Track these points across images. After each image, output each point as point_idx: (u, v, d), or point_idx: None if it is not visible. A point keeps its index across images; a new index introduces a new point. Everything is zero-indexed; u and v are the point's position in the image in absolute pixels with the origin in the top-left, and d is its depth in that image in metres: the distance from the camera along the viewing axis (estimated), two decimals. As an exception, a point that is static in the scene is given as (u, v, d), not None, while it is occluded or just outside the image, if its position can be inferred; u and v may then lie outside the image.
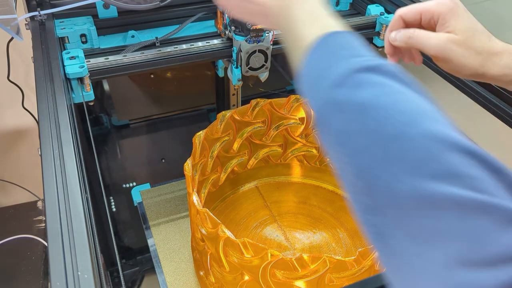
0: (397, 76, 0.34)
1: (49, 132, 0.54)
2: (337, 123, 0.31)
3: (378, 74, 0.32)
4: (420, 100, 0.34)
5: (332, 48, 0.35)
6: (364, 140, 0.29)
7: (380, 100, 0.30)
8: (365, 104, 0.30)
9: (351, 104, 0.31)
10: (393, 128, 0.29)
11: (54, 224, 0.43)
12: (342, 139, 0.31)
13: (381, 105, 0.30)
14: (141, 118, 1.17)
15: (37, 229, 1.12)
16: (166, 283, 0.84)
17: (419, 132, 0.28)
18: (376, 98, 0.30)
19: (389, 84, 0.32)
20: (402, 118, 0.29)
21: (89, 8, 0.80)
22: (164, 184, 1.04)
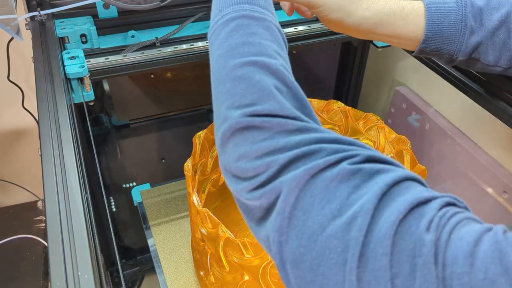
0: (261, 19, 0.43)
1: (49, 132, 0.54)
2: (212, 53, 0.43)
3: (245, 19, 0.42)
4: (266, 40, 0.42)
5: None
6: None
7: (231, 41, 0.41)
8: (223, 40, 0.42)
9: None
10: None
11: (54, 224, 0.43)
12: (212, 69, 0.42)
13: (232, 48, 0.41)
14: (141, 118, 1.17)
15: (37, 229, 1.12)
16: (166, 283, 0.84)
17: None
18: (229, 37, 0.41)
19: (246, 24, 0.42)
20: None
21: (89, 8, 0.80)
22: (164, 184, 1.04)
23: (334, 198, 0.31)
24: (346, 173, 0.32)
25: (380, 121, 0.90)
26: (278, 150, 0.35)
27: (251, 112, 0.36)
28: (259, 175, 0.35)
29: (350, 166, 0.32)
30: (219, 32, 0.43)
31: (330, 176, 0.32)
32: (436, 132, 0.98)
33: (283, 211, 0.33)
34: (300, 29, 0.86)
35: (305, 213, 0.32)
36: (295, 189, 0.32)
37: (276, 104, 0.36)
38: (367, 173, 0.32)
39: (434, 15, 0.57)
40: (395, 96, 1.09)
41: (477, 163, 0.88)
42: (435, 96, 0.99)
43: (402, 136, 0.86)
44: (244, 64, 0.39)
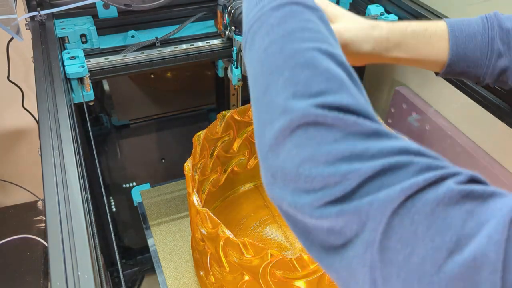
0: (314, 8, 0.37)
1: (49, 132, 0.54)
2: (261, 43, 0.35)
3: (299, 6, 0.36)
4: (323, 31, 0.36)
5: None
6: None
7: (293, 36, 0.34)
8: (285, 33, 0.34)
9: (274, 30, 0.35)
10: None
11: (54, 224, 0.43)
12: (260, 57, 0.35)
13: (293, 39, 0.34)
14: (141, 118, 1.17)
15: (37, 229, 1.12)
16: (166, 283, 0.84)
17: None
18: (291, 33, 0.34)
19: (305, 17, 0.36)
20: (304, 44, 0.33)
21: (89, 8, 0.80)
22: (164, 184, 1.04)
23: (445, 226, 0.25)
24: (455, 195, 0.26)
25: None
26: (356, 157, 0.28)
27: (321, 103, 0.29)
28: (331, 186, 0.28)
29: (458, 186, 0.26)
30: (267, 18, 0.36)
31: (434, 199, 0.26)
32: (436, 132, 0.98)
33: (372, 241, 0.27)
34: (300, 29, 0.86)
35: (406, 246, 0.26)
36: (386, 212, 0.26)
37: (350, 97, 0.30)
38: (479, 196, 0.26)
39: (459, 39, 0.54)
40: (395, 96, 1.09)
41: (477, 163, 0.88)
42: (435, 96, 0.99)
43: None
44: (307, 49, 0.32)
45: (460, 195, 0.26)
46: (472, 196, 0.26)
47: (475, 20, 0.55)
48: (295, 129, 0.30)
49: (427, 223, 0.25)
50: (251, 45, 0.36)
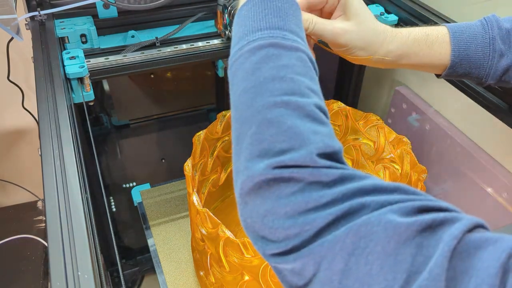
0: (292, 48, 0.37)
1: (49, 132, 0.54)
2: (234, 86, 0.37)
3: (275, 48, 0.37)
4: (300, 72, 0.37)
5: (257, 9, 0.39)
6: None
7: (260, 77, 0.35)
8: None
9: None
10: None
11: (54, 224, 0.43)
12: (235, 103, 0.37)
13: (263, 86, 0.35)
14: (141, 118, 1.17)
15: (37, 229, 1.12)
16: (166, 283, 0.84)
17: None
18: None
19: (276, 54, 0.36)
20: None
21: (89, 8, 0.80)
22: (164, 184, 1.04)
23: (396, 265, 0.26)
24: (404, 230, 0.27)
25: (380, 121, 0.90)
26: (312, 208, 0.30)
27: (278, 163, 0.31)
28: (291, 238, 0.30)
29: (406, 219, 0.27)
30: (244, 60, 0.37)
31: (384, 237, 0.27)
32: (436, 132, 0.98)
33: (329, 280, 0.28)
34: (300, 29, 0.86)
35: (362, 285, 0.27)
36: (341, 253, 0.28)
37: (308, 155, 0.31)
38: (428, 227, 0.27)
39: (460, 40, 0.55)
40: (395, 96, 1.09)
41: (477, 163, 0.88)
42: (435, 96, 0.99)
43: (402, 136, 0.86)
44: (275, 104, 0.33)
45: (409, 229, 0.27)
46: (421, 228, 0.27)
47: (474, 23, 0.56)
48: (258, 183, 0.32)
49: (380, 262, 0.26)
50: (232, 84, 0.38)
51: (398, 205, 0.28)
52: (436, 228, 0.27)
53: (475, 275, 0.24)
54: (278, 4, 0.39)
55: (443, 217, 0.27)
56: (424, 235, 0.27)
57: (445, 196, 1.00)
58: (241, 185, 0.33)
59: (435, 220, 0.27)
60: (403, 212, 0.28)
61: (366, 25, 0.53)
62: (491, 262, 0.25)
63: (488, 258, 0.25)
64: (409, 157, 0.84)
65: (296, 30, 0.39)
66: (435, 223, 0.27)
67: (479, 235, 0.27)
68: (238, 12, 0.40)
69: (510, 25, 0.55)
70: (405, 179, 0.85)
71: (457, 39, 0.55)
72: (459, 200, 0.97)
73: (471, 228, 0.27)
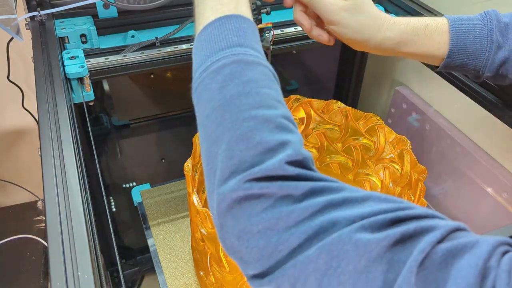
0: (255, 63, 0.38)
1: (49, 132, 0.54)
2: (199, 107, 0.38)
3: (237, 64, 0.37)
4: (267, 89, 0.37)
5: (216, 32, 0.40)
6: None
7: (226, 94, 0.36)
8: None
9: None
10: None
11: (54, 224, 0.43)
12: (203, 123, 0.37)
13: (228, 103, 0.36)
14: (141, 118, 1.17)
15: (37, 229, 1.12)
16: (166, 283, 0.84)
17: None
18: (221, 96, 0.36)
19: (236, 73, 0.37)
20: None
21: (89, 8, 0.80)
22: (164, 184, 1.04)
23: (368, 283, 0.26)
24: (374, 247, 0.27)
25: (380, 121, 0.90)
26: (285, 227, 0.30)
27: (249, 177, 0.31)
28: (265, 257, 0.30)
29: (376, 236, 0.27)
30: (209, 81, 0.37)
31: (355, 255, 0.27)
32: (436, 132, 0.98)
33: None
34: (300, 29, 0.86)
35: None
36: (314, 274, 0.28)
37: (277, 164, 0.31)
38: (398, 242, 0.27)
39: (459, 30, 0.55)
40: (395, 96, 1.09)
41: (477, 163, 0.88)
42: (435, 96, 0.99)
43: (402, 136, 0.86)
44: (243, 120, 0.34)
45: (380, 245, 0.27)
46: (391, 243, 0.27)
47: (474, 16, 0.57)
48: (230, 203, 0.32)
49: (352, 281, 0.26)
50: (197, 105, 0.39)
51: (368, 220, 0.28)
52: (406, 241, 0.27)
53: (454, 284, 0.24)
54: (237, 25, 0.39)
55: (414, 228, 0.27)
56: (394, 251, 0.26)
57: (445, 196, 1.00)
58: (217, 207, 0.33)
59: (406, 233, 0.27)
60: (374, 227, 0.28)
61: (362, 7, 0.54)
62: (469, 269, 0.25)
63: (465, 266, 0.25)
64: (409, 157, 0.84)
65: (256, 47, 0.40)
66: (406, 236, 0.27)
67: (455, 242, 0.26)
68: (198, 38, 0.41)
69: (509, 19, 0.56)
70: (405, 179, 0.85)
71: (456, 29, 0.55)
72: (459, 200, 0.97)
73: (446, 234, 0.27)
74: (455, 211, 0.98)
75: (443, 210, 1.01)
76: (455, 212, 0.98)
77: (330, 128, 0.96)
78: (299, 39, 0.86)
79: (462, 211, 0.97)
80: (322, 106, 0.94)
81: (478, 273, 0.24)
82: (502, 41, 0.55)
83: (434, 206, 1.03)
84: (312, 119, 0.95)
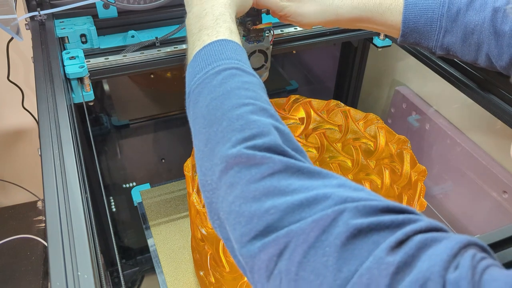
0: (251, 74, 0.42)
1: (49, 132, 0.54)
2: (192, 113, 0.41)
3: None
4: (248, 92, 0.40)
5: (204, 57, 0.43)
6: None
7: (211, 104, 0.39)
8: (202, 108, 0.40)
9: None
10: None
11: (54, 224, 0.43)
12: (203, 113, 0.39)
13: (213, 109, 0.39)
14: (141, 118, 1.17)
15: (37, 229, 1.12)
16: (166, 283, 0.84)
17: None
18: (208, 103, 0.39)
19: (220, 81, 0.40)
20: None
21: (89, 8, 0.80)
22: (164, 184, 1.04)
23: (352, 257, 0.27)
24: (365, 227, 0.28)
25: (380, 121, 0.90)
26: (279, 193, 0.31)
27: (251, 145, 0.34)
28: (255, 221, 0.31)
29: (367, 219, 0.28)
30: (210, 80, 0.41)
31: (345, 231, 0.28)
32: (436, 132, 0.98)
33: (287, 271, 0.29)
34: (300, 29, 0.86)
35: (317, 277, 0.27)
36: (303, 245, 0.28)
37: (277, 139, 0.34)
38: (387, 227, 0.28)
39: (411, 12, 0.59)
40: (395, 96, 1.09)
41: (477, 163, 0.88)
42: (435, 96, 0.99)
43: (402, 136, 0.86)
44: (243, 104, 0.37)
45: (369, 227, 0.28)
46: (380, 227, 0.28)
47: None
48: (230, 170, 0.34)
49: (337, 255, 0.27)
50: (195, 103, 0.41)
51: (362, 203, 0.29)
52: (394, 229, 0.28)
53: (428, 259, 0.26)
54: (232, 47, 0.44)
55: (402, 219, 0.29)
56: (381, 234, 0.28)
57: (445, 196, 1.00)
58: (216, 178, 0.35)
59: (394, 221, 0.28)
60: (366, 212, 0.29)
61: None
62: (445, 250, 0.26)
63: (442, 247, 0.26)
64: (409, 157, 0.84)
65: (249, 66, 0.44)
66: (394, 224, 0.28)
67: (436, 234, 0.28)
68: (196, 55, 0.44)
69: (463, 5, 0.58)
70: (405, 179, 0.85)
71: (409, 11, 0.59)
72: (459, 200, 0.97)
73: (428, 230, 0.28)
74: (455, 211, 0.98)
75: (443, 210, 1.01)
76: (455, 212, 0.98)
77: (330, 128, 0.96)
78: (299, 39, 0.86)
79: (462, 211, 0.97)
80: (322, 106, 0.94)
81: (452, 254, 0.26)
82: (450, 27, 0.58)
83: (434, 206, 1.03)
84: (312, 119, 0.95)
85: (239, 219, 0.32)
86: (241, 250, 0.32)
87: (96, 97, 0.74)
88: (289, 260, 0.29)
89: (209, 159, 0.36)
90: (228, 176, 0.34)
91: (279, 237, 0.29)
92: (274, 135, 0.35)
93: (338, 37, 0.90)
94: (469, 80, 0.76)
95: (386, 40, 0.93)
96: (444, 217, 1.01)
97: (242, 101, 0.37)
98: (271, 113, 0.38)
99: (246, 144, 0.34)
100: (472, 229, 0.95)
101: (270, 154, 0.33)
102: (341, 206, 0.29)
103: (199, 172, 0.38)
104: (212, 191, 0.35)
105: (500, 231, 0.51)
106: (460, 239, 0.27)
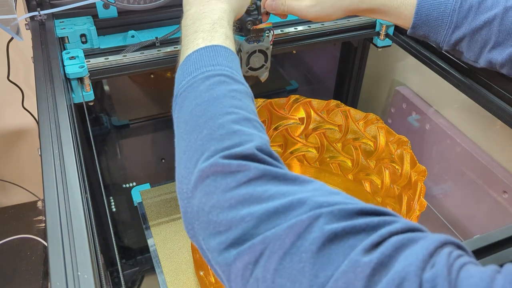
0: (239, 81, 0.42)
1: (49, 132, 0.54)
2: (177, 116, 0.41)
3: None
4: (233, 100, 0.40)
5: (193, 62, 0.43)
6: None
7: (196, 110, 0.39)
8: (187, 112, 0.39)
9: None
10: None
11: (54, 224, 0.43)
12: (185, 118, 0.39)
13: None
14: (141, 118, 1.17)
15: (37, 229, 1.12)
16: (166, 283, 0.84)
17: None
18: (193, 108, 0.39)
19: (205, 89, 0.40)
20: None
21: (89, 8, 0.80)
22: (164, 184, 1.04)
23: (328, 263, 0.27)
24: (340, 231, 0.28)
25: (380, 121, 0.90)
26: (255, 200, 0.31)
27: (228, 154, 0.33)
28: (232, 229, 0.31)
29: (342, 224, 0.28)
30: (197, 85, 0.40)
31: (320, 236, 0.28)
32: (436, 132, 0.98)
33: (264, 278, 0.28)
34: (300, 29, 0.86)
35: (293, 283, 0.27)
36: (278, 251, 0.28)
37: (255, 148, 0.34)
38: (362, 230, 0.28)
39: (424, 6, 0.61)
40: (395, 96, 1.09)
41: (477, 163, 0.88)
42: (435, 96, 0.99)
43: (402, 136, 0.86)
44: (226, 113, 0.37)
45: (345, 231, 0.28)
46: (355, 231, 0.28)
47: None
48: (206, 179, 0.33)
49: (313, 261, 0.27)
50: (181, 107, 0.40)
51: (337, 207, 0.29)
52: (370, 231, 0.28)
53: (404, 259, 0.26)
54: (225, 53, 0.44)
55: (378, 221, 0.29)
56: (357, 237, 0.28)
57: (445, 196, 1.00)
58: (192, 186, 0.34)
59: (370, 224, 0.28)
60: (342, 215, 0.29)
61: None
62: (421, 249, 0.26)
63: (418, 247, 0.26)
64: (409, 157, 0.84)
65: (240, 74, 0.44)
66: (369, 227, 0.28)
67: (413, 234, 0.28)
68: (187, 58, 0.43)
69: (475, 2, 0.59)
70: (405, 179, 0.85)
71: (422, 3, 0.62)
72: (459, 200, 0.97)
73: (404, 231, 0.28)
74: (455, 211, 0.98)
75: (443, 210, 1.01)
76: (455, 212, 0.98)
77: (330, 128, 0.96)
78: (299, 39, 0.86)
79: (462, 211, 0.97)
80: (322, 106, 0.94)
81: (428, 253, 0.26)
82: (460, 23, 0.60)
83: (434, 206, 1.03)
84: (312, 119, 0.95)
85: (218, 229, 0.32)
86: (217, 258, 0.32)
87: (96, 97, 0.74)
88: (265, 268, 0.29)
89: (186, 166, 0.36)
90: (204, 185, 0.34)
91: (255, 244, 0.29)
92: (253, 142, 0.35)
93: (338, 37, 0.90)
94: (469, 80, 0.76)
95: (386, 40, 0.93)
96: (444, 217, 1.01)
97: (225, 110, 0.37)
98: (254, 124, 0.38)
99: (223, 154, 0.34)
100: (472, 229, 0.95)
101: (246, 162, 0.33)
102: (316, 211, 0.29)
103: (176, 179, 0.38)
104: (187, 200, 0.35)
105: (500, 231, 0.51)
106: (436, 238, 0.27)
